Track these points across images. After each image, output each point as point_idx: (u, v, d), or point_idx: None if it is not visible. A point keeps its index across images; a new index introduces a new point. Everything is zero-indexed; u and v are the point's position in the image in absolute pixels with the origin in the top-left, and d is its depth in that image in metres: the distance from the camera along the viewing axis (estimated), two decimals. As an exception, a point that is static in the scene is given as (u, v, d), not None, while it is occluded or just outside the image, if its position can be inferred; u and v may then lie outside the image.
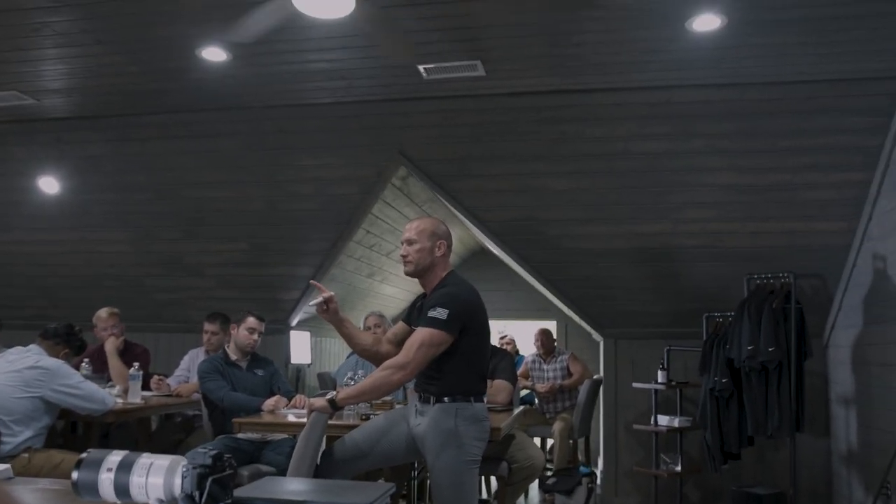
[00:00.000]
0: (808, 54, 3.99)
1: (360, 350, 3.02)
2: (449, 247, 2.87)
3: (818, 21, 3.61)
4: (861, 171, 4.46)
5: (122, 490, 1.27)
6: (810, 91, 4.33)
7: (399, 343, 2.86)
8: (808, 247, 4.83)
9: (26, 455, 3.23)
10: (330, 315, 2.86)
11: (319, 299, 2.83)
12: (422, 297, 2.93)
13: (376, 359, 2.91)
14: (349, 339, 2.97)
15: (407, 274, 2.88)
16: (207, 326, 4.69)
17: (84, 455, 1.32)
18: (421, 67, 4.28)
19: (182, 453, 1.32)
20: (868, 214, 4.52)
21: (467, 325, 2.70)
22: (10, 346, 3.58)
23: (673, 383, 5.06)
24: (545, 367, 6.23)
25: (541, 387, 6.12)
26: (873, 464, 4.36)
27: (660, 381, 5.03)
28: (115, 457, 1.30)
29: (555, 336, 6.73)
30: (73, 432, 4.39)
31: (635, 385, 5.25)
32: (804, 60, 4.08)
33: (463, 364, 2.71)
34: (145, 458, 1.29)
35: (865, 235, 4.58)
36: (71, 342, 3.63)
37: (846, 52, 3.94)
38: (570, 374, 6.12)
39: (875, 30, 3.68)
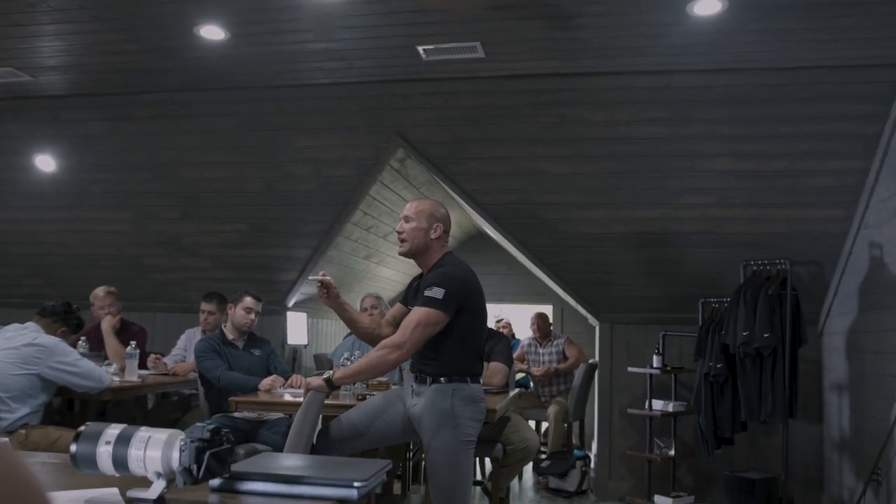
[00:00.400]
0: (808, 40, 3.98)
1: (361, 334, 3.03)
2: (446, 231, 2.86)
3: (818, 7, 3.60)
4: (860, 158, 4.46)
5: (120, 463, 1.28)
6: (810, 77, 4.32)
7: (398, 325, 2.87)
8: (805, 234, 4.84)
9: (23, 431, 3.25)
10: (331, 301, 2.87)
11: (318, 277, 2.83)
12: (418, 278, 2.94)
13: (376, 341, 2.93)
14: (350, 323, 2.99)
15: (401, 254, 2.88)
16: (204, 306, 4.70)
17: (82, 428, 1.33)
18: (420, 48, 4.26)
19: (179, 431, 1.33)
20: (865, 202, 4.52)
21: (463, 304, 2.70)
22: (6, 324, 3.59)
23: (668, 368, 5.08)
24: (541, 350, 6.26)
25: (536, 370, 6.16)
26: (865, 450, 4.40)
27: (655, 365, 5.05)
28: (114, 430, 1.31)
29: (551, 320, 6.76)
30: (70, 409, 4.41)
31: (630, 369, 5.27)
32: (804, 46, 4.06)
33: (459, 344, 2.72)
34: (143, 432, 1.30)
35: (862, 223, 4.58)
36: (69, 320, 3.64)
37: (846, 38, 3.93)
38: (565, 358, 6.16)
39: (875, 17, 3.67)
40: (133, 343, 4.19)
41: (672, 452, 5.05)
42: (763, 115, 4.49)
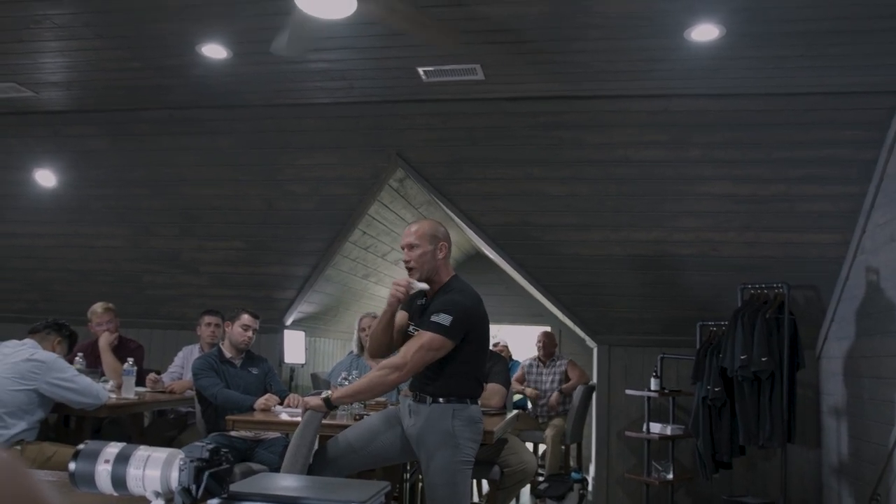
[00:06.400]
0: (805, 66, 4.02)
1: (388, 339, 2.95)
2: (449, 248, 2.87)
3: (816, 34, 3.64)
4: (856, 183, 4.49)
5: (118, 482, 1.28)
6: (807, 103, 4.36)
7: (401, 332, 2.89)
8: (802, 258, 4.86)
9: (18, 447, 3.23)
10: (398, 304, 2.85)
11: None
12: (422, 294, 2.93)
13: (389, 349, 2.91)
14: (388, 326, 2.91)
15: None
16: (210, 319, 4.69)
17: (81, 446, 1.33)
18: (420, 70, 4.30)
19: (176, 449, 1.32)
20: (862, 227, 4.55)
21: (470, 332, 2.70)
22: (2, 339, 3.57)
23: (666, 391, 5.07)
24: (543, 370, 6.22)
25: (531, 391, 6.14)
26: (863, 476, 4.38)
27: (653, 388, 5.04)
28: (113, 448, 1.31)
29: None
30: (66, 426, 4.37)
31: (628, 392, 5.26)
32: (801, 73, 4.10)
33: (462, 368, 2.72)
34: (143, 451, 1.30)
35: (859, 248, 4.60)
36: (62, 331, 3.62)
37: (843, 65, 3.97)
38: (568, 380, 6.13)
39: (872, 44, 3.71)
40: (130, 360, 4.16)
41: (670, 476, 5.02)
42: (760, 139, 4.52)
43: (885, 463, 4.05)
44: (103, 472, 1.28)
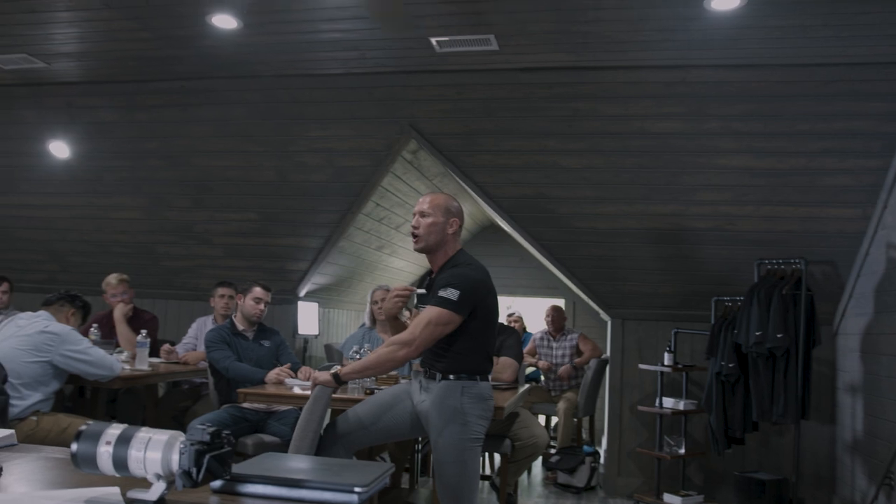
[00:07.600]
0: (827, 37, 3.91)
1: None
2: (461, 225, 2.84)
3: (839, 3, 3.53)
4: (878, 157, 4.39)
5: (120, 464, 1.28)
6: (829, 74, 4.25)
7: None
8: (821, 233, 4.78)
9: (34, 418, 3.27)
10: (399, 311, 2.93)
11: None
12: (428, 274, 2.92)
13: None
14: (400, 328, 2.97)
15: (416, 250, 2.85)
16: (223, 291, 4.73)
17: (83, 427, 1.33)
18: (433, 40, 4.23)
19: (188, 420, 1.33)
20: (883, 202, 4.46)
21: (478, 306, 2.69)
22: (21, 310, 3.60)
23: (679, 366, 5.05)
24: (554, 344, 6.23)
25: (543, 363, 6.16)
26: (877, 453, 4.35)
27: (666, 363, 5.02)
28: (114, 430, 1.31)
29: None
30: (82, 396, 4.44)
31: (641, 366, 5.24)
32: (823, 43, 3.99)
33: (471, 343, 2.71)
34: (144, 433, 1.30)
35: (880, 223, 4.51)
36: (75, 302, 3.65)
37: (866, 35, 3.86)
38: (579, 353, 6.13)
39: (898, 13, 3.60)
40: (144, 331, 4.20)
41: (682, 451, 5.02)
42: (779, 111, 4.42)
43: (900, 441, 4.01)
44: (104, 453, 1.28)
